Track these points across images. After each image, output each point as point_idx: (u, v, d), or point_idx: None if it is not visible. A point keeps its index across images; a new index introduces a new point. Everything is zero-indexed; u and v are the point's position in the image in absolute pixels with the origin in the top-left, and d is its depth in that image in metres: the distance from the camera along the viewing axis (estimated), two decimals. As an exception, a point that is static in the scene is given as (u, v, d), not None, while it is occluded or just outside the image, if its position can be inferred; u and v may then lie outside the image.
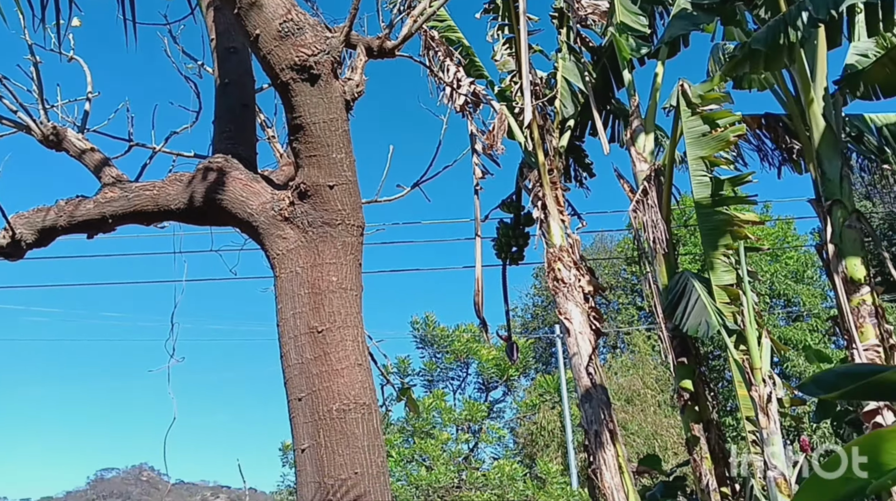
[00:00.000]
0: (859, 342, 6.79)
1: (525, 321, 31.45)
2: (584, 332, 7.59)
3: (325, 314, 3.02)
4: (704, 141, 7.00)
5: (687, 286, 7.05)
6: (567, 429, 21.57)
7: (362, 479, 2.79)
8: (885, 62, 8.69)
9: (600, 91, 9.41)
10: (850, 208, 7.73)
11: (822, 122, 7.93)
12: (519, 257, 8.85)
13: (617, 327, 27.77)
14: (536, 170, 8.30)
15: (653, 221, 7.33)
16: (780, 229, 26.35)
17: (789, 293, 24.89)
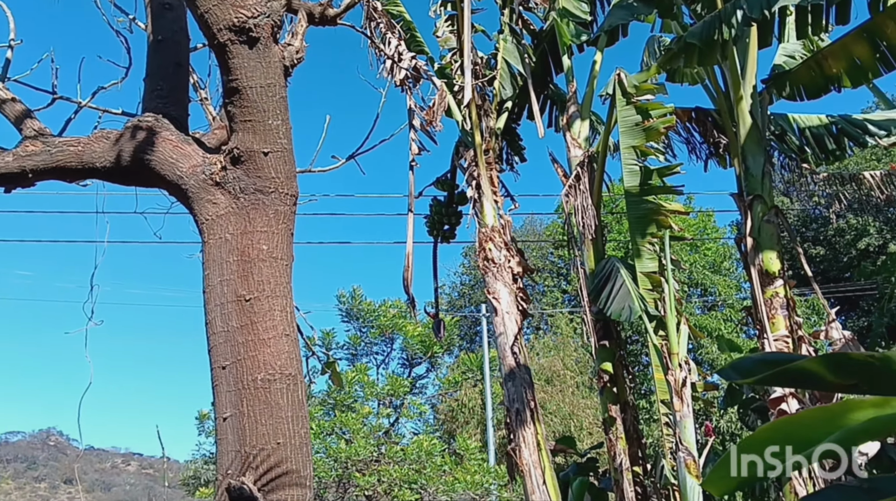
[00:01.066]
0: (770, 333, 7.12)
1: (452, 299, 31.70)
2: (511, 312, 7.69)
3: (253, 283, 2.98)
4: (637, 131, 7.15)
5: (613, 272, 7.24)
6: (488, 407, 21.93)
7: (284, 449, 2.78)
8: (810, 65, 9.04)
9: (539, 75, 9.47)
10: (770, 204, 8.05)
11: (749, 119, 8.21)
12: (451, 235, 8.88)
13: (542, 309, 28.30)
14: (473, 149, 8.32)
15: (584, 206, 7.46)
16: (701, 220, 27.28)
17: (706, 283, 25.85)
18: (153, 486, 63.00)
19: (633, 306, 6.69)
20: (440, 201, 8.86)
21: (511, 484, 7.54)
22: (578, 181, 7.67)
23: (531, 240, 29.41)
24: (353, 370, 20.86)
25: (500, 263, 7.77)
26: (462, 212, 8.85)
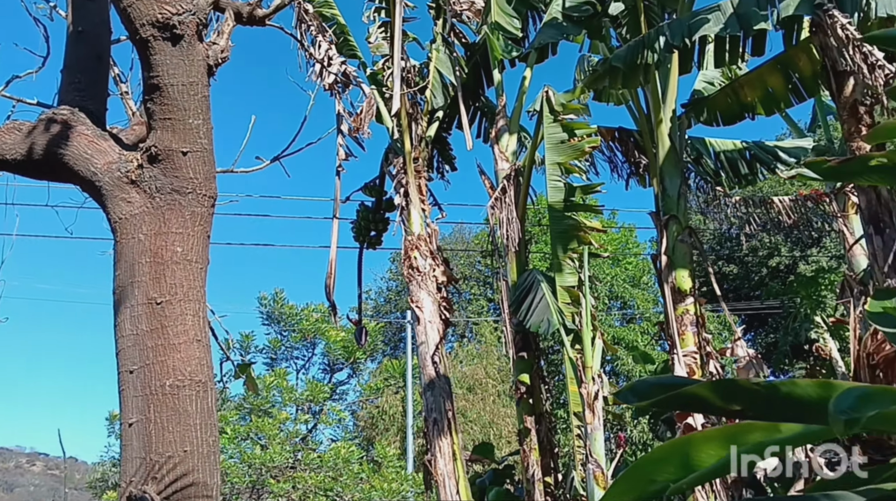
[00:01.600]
0: (680, 349, 7.39)
1: (378, 304, 31.56)
2: (433, 321, 7.74)
3: (165, 286, 2.92)
4: (562, 148, 7.32)
5: (534, 284, 7.38)
6: (408, 414, 21.90)
7: (191, 457, 2.73)
8: (727, 92, 9.47)
9: (471, 87, 9.58)
10: (684, 224, 8.36)
11: (668, 142, 8.51)
12: (377, 241, 8.87)
13: (467, 316, 28.49)
14: (402, 157, 8.34)
15: (508, 218, 7.59)
16: (623, 235, 28.03)
17: (626, 296, 26.55)
18: (58, 487, 60.19)
19: (551, 319, 6.84)
20: (367, 207, 8.84)
21: (427, 493, 7.56)
22: (504, 194, 7.79)
23: (459, 248, 29.60)
24: (271, 375, 20.53)
25: (424, 271, 7.81)
26: (389, 219, 8.86)
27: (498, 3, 8.50)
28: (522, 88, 8.96)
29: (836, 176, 1.89)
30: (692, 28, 6.82)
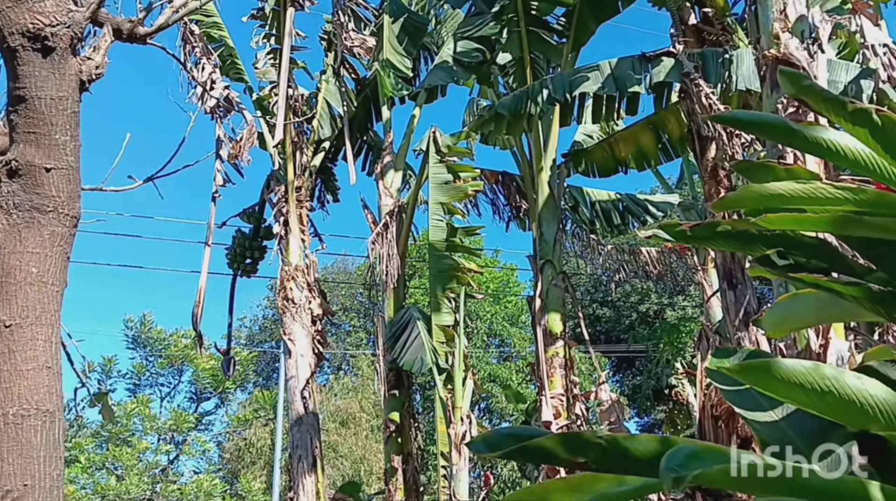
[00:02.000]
0: (548, 390, 7.59)
1: (252, 332, 30.57)
2: (305, 355, 7.59)
3: (16, 308, 2.75)
4: (446, 188, 7.45)
5: (410, 322, 7.40)
6: (277, 447, 21.23)
7: (31, 492, 2.57)
8: (604, 146, 9.98)
9: (360, 120, 9.61)
10: (559, 269, 8.66)
11: (547, 189, 8.83)
12: (252, 270, 8.63)
13: (345, 348, 28.13)
14: (284, 185, 8.21)
15: (388, 255, 7.60)
16: (505, 274, 28.65)
17: (504, 334, 27.06)
18: None
19: (425, 358, 6.87)
20: (245, 234, 8.60)
21: (289, 531, 7.33)
22: (386, 230, 7.81)
23: (340, 281, 29.27)
24: (133, 402, 19.48)
25: (299, 303, 7.66)
26: (267, 247, 8.66)
27: (390, 42, 8.60)
28: (411, 126, 9.08)
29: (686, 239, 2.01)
30: (573, 84, 7.15)
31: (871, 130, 1.28)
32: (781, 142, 1.66)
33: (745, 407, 2.13)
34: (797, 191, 1.51)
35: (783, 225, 1.87)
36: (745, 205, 1.67)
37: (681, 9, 7.79)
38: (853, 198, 1.58)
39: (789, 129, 1.44)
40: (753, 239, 2.10)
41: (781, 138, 1.59)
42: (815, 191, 1.54)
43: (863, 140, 1.31)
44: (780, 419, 2.06)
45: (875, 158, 1.36)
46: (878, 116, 1.26)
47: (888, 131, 1.26)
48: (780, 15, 5.56)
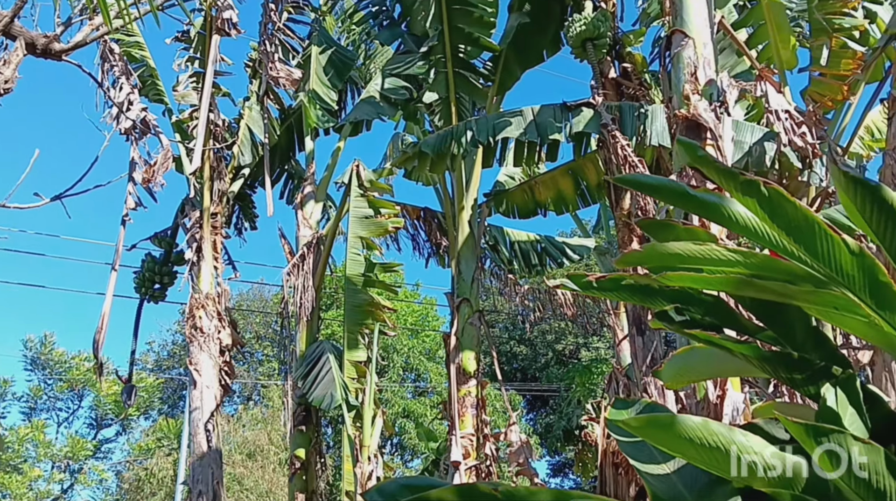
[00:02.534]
0: (458, 430, 7.57)
1: (161, 357, 29.41)
2: (211, 386, 7.34)
3: None
4: (366, 223, 7.42)
5: (322, 356, 7.27)
6: (179, 480, 20.37)
7: None
8: (524, 188, 10.19)
9: (283, 149, 9.50)
10: (475, 308, 8.71)
11: (468, 228, 8.92)
12: (161, 296, 8.33)
13: (256, 378, 27.38)
14: (200, 211, 8.01)
15: (304, 286, 7.48)
16: (424, 308, 28.62)
17: (421, 369, 26.93)
18: None
19: (335, 394, 6.75)
20: (155, 259, 8.31)
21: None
22: (303, 261, 7.69)
23: (255, 308, 28.59)
24: (27, 426, 18.39)
25: (208, 333, 7.43)
26: (177, 273, 8.38)
27: (317, 73, 8.58)
28: (334, 158, 9.03)
29: (592, 290, 2.06)
30: (496, 128, 7.29)
31: (760, 201, 1.35)
32: (679, 206, 1.74)
33: (640, 459, 2.17)
34: (694, 252, 1.58)
35: (682, 282, 1.94)
36: (647, 263, 1.72)
37: (601, 62, 8.09)
38: (744, 261, 1.66)
39: (686, 194, 1.50)
40: (655, 293, 2.17)
41: (679, 203, 1.66)
42: (710, 253, 1.60)
43: (752, 210, 1.38)
44: (672, 473, 2.12)
45: (764, 227, 1.43)
46: (767, 189, 1.33)
47: (775, 203, 1.33)
48: (691, 77, 5.82)
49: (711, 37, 6.19)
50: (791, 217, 1.33)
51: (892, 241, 1.30)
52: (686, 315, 2.16)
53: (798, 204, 1.33)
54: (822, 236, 1.34)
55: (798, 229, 1.34)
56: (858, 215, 1.31)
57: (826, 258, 1.39)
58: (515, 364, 28.30)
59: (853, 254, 1.37)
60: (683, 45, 5.96)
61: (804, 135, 6.50)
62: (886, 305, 1.55)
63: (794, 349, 2.13)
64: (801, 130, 6.51)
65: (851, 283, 1.43)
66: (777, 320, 2.08)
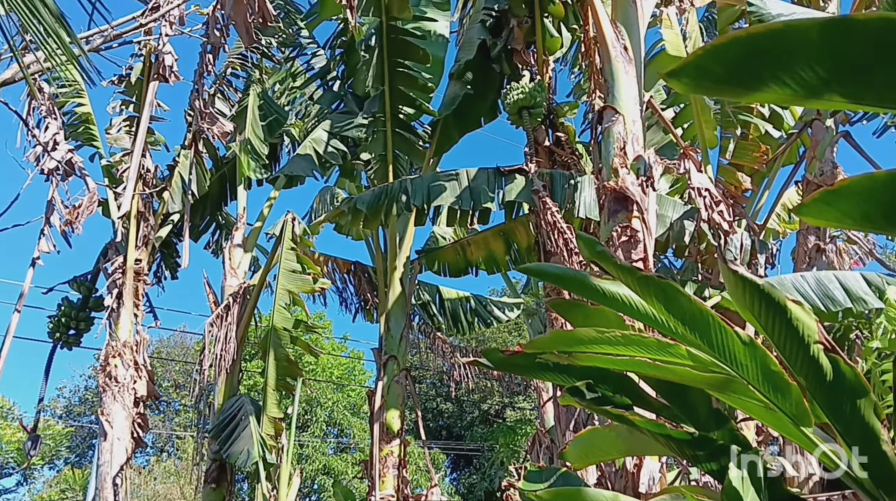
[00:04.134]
0: (378, 491, 7.44)
1: (71, 403, 28.00)
2: (122, 438, 7.03)
3: None
4: (294, 277, 7.35)
5: (241, 411, 7.07)
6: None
7: None
8: (457, 248, 10.29)
9: (214, 198, 9.39)
10: (402, 365, 8.68)
11: (399, 286, 8.94)
12: (75, 342, 7.99)
13: (172, 429, 26.32)
14: (123, 256, 7.79)
15: (226, 338, 7.31)
16: (351, 361, 28.24)
17: (344, 424, 26.41)
18: None
19: (251, 451, 6.56)
20: (72, 303, 8.00)
21: None
22: (227, 312, 7.54)
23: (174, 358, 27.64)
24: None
25: (123, 382, 7.15)
26: (94, 318, 8.08)
27: (252, 123, 8.58)
28: (268, 209, 8.97)
29: (506, 368, 2.11)
30: (431, 192, 7.41)
31: (656, 295, 1.44)
32: (582, 295, 1.82)
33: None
34: (597, 337, 1.65)
35: (591, 363, 2.01)
36: (554, 347, 1.78)
37: (536, 130, 8.36)
38: (646, 345, 1.74)
39: (588, 283, 1.58)
40: (567, 371, 2.24)
41: (582, 292, 1.74)
42: (613, 338, 1.68)
43: (650, 303, 1.46)
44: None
45: (662, 317, 1.52)
46: (662, 284, 1.42)
47: (671, 297, 1.42)
48: (621, 152, 6.08)
49: (640, 114, 6.50)
50: (686, 310, 1.42)
51: (779, 335, 1.40)
52: (598, 392, 2.24)
53: (692, 298, 1.41)
54: (716, 327, 1.43)
55: (693, 320, 1.43)
56: (747, 311, 1.41)
57: (720, 348, 1.47)
58: (441, 422, 28.08)
59: (745, 344, 1.46)
60: (614, 121, 6.24)
61: (722, 212, 6.83)
62: (778, 391, 1.64)
63: (697, 427, 2.22)
64: (720, 208, 6.84)
65: (745, 371, 1.52)
66: (680, 400, 2.17)
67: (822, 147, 7.24)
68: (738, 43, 0.90)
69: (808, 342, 1.36)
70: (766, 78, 0.92)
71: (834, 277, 5.20)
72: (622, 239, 5.84)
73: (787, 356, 1.44)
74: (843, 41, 0.87)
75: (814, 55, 0.89)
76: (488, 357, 2.41)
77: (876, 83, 0.97)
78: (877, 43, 0.89)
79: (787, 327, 1.35)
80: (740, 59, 0.90)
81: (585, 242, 1.63)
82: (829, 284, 5.07)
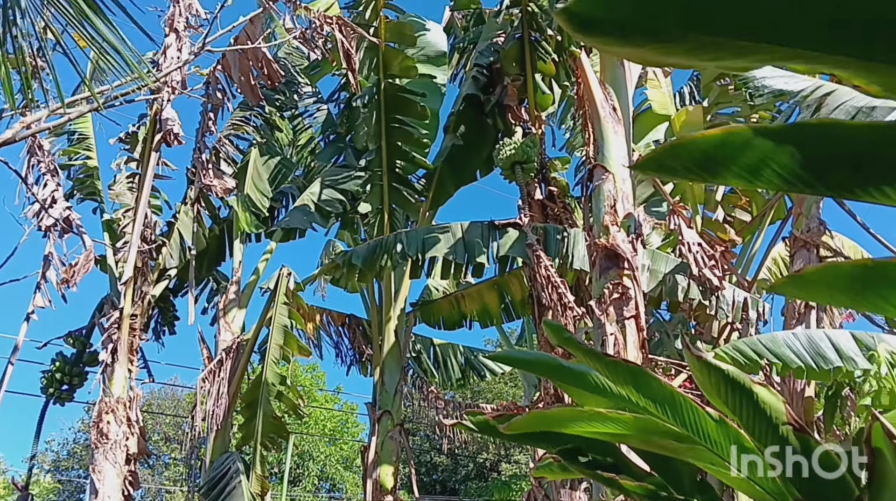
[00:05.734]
0: (371, 550, 7.33)
1: (59, 457, 27.54)
2: (112, 497, 6.95)
3: None
4: (287, 333, 7.37)
5: (231, 469, 7.01)
6: None
7: None
8: (451, 301, 10.34)
9: (212, 254, 9.45)
10: (397, 421, 8.63)
11: (393, 338, 8.95)
12: (68, 397, 7.96)
13: (161, 483, 25.86)
14: (120, 311, 7.81)
15: (218, 393, 7.29)
16: (344, 414, 27.92)
17: (337, 478, 26.00)
18: None
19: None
20: (66, 358, 7.99)
21: None
22: (220, 367, 7.54)
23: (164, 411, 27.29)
24: None
25: (115, 439, 7.10)
26: (87, 373, 8.06)
27: (253, 179, 8.70)
28: (264, 263, 9.03)
29: (490, 432, 2.14)
30: (426, 245, 7.49)
31: (626, 378, 1.50)
32: (554, 379, 1.87)
33: None
34: (575, 415, 1.69)
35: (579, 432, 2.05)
36: (532, 428, 1.81)
37: (529, 184, 8.48)
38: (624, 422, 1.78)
39: (560, 366, 1.63)
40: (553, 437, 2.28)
41: (554, 376, 1.79)
42: (590, 414, 1.72)
43: (620, 386, 1.52)
44: None
45: (631, 396, 1.57)
46: (630, 368, 1.48)
47: (640, 380, 1.48)
48: (611, 209, 6.18)
49: (630, 172, 6.63)
50: (656, 392, 1.47)
51: (748, 417, 1.45)
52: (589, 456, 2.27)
53: (661, 381, 1.47)
54: (688, 408, 1.48)
55: (664, 401, 1.48)
56: (714, 395, 1.47)
57: (693, 427, 1.52)
58: (435, 475, 27.65)
59: (717, 422, 1.51)
60: (604, 180, 6.35)
61: (713, 267, 6.91)
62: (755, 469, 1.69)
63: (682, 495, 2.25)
64: (711, 262, 6.92)
65: (718, 448, 1.57)
66: (665, 468, 2.20)
67: (808, 204, 7.36)
68: (692, 145, 0.98)
69: (776, 423, 1.41)
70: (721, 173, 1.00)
71: (825, 335, 5.24)
72: (614, 296, 5.90)
73: (757, 438, 1.49)
74: (784, 149, 0.95)
75: (757, 159, 0.97)
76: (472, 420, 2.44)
77: (832, 183, 1.04)
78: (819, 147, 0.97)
79: (755, 409, 1.41)
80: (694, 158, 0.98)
81: (553, 329, 1.69)
82: (820, 343, 5.11)
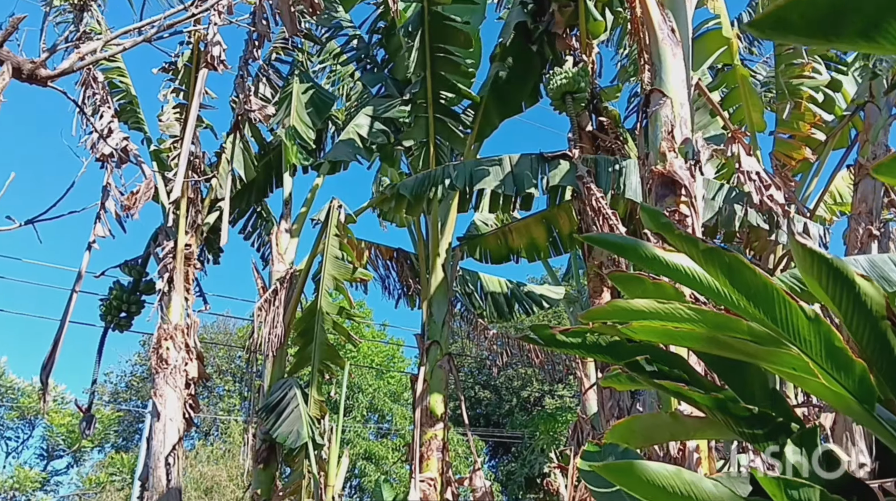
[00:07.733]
0: (419, 473, 7.52)
1: (118, 389, 28.72)
2: (175, 419, 7.22)
3: None
4: (339, 264, 7.44)
5: (288, 394, 7.21)
6: (132, 514, 19.79)
7: None
8: (498, 235, 10.29)
9: (261, 185, 9.52)
10: (445, 351, 8.73)
11: (441, 272, 8.98)
12: (127, 324, 8.22)
13: (216, 413, 26.85)
14: (174, 242, 7.97)
15: (274, 322, 7.45)
16: (391, 349, 28.43)
17: (385, 410, 26.65)
18: None
19: (301, 431, 6.68)
20: (123, 286, 8.22)
21: None
22: (275, 296, 7.68)
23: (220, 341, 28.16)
24: (-28, 456, 17.76)
25: (175, 365, 7.34)
26: (145, 302, 8.30)
27: (297, 111, 8.68)
28: (312, 195, 9.07)
29: (555, 345, 2.11)
30: (474, 177, 7.42)
31: (721, 267, 1.44)
32: (645, 267, 1.82)
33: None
34: (657, 309, 1.65)
35: (646, 335, 2.01)
36: (611, 318, 1.79)
37: (579, 115, 8.28)
38: (707, 320, 1.74)
39: (651, 253, 1.58)
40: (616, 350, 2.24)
41: (644, 263, 1.74)
42: (672, 310, 1.68)
43: (713, 275, 1.47)
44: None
45: (725, 290, 1.52)
46: (726, 256, 1.42)
47: (735, 270, 1.42)
48: (668, 135, 5.99)
49: (688, 97, 6.41)
50: (750, 284, 1.42)
51: (848, 310, 1.39)
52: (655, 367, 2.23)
53: (757, 271, 1.41)
54: (781, 301, 1.43)
55: (757, 294, 1.42)
56: (816, 284, 1.41)
57: (784, 323, 1.47)
58: (479, 410, 28.12)
59: (810, 320, 1.46)
60: (661, 104, 6.15)
61: (772, 196, 6.71)
62: (842, 368, 1.63)
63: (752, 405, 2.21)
64: (770, 191, 6.72)
65: (808, 347, 1.51)
66: (735, 378, 2.16)
67: (875, 130, 7.05)
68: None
69: (876, 317, 1.35)
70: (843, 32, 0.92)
71: (888, 259, 5.09)
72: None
73: (853, 331, 1.43)
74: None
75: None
76: (538, 333, 2.42)
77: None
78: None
79: (856, 302, 1.35)
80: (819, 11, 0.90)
81: (650, 214, 1.63)
82: (883, 265, 4.96)
